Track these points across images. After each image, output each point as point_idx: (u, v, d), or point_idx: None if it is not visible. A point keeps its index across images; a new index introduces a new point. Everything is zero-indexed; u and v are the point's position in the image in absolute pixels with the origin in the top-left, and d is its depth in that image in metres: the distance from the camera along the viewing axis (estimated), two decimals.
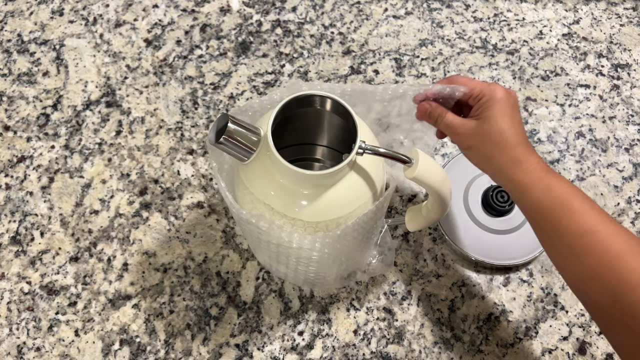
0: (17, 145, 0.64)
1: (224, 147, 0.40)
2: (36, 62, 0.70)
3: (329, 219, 0.43)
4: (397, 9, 0.74)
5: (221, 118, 0.40)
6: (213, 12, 0.73)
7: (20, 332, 0.56)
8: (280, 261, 0.50)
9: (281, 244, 0.44)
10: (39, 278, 0.58)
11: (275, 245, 0.45)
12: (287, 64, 0.70)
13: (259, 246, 0.50)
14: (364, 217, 0.42)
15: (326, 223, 0.43)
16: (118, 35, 0.71)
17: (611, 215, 0.62)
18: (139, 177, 0.63)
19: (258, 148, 0.41)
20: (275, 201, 0.42)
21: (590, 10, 0.74)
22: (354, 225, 0.42)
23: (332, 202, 0.42)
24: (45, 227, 0.60)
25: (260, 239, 0.45)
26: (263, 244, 0.46)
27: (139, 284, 0.58)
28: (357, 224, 0.42)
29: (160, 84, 0.68)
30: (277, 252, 0.47)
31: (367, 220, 0.43)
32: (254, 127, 0.41)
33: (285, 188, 0.42)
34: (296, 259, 0.48)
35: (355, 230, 0.43)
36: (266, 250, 0.48)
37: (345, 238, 0.43)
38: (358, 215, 0.42)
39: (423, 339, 0.56)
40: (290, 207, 0.42)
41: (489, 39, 0.72)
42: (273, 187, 0.42)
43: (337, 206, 0.43)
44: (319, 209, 0.42)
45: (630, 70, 0.70)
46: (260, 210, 0.43)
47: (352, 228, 0.42)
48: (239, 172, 0.44)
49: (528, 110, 0.68)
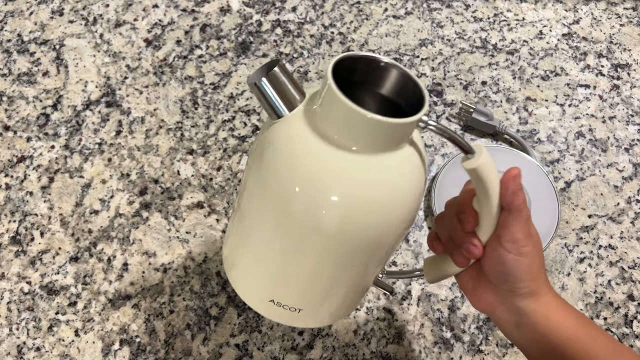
0: (17, 145, 0.64)
1: (261, 91, 0.35)
2: (36, 62, 0.70)
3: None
4: (397, 9, 0.74)
5: (272, 62, 0.35)
6: (213, 12, 0.73)
7: (20, 332, 0.56)
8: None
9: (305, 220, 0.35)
10: (39, 278, 0.58)
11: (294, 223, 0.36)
12: (287, 64, 0.70)
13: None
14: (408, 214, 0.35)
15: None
16: (118, 35, 0.71)
17: (611, 215, 0.62)
18: (139, 177, 0.63)
19: (297, 107, 0.36)
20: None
21: (590, 10, 0.74)
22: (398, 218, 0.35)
23: (375, 184, 0.35)
24: (45, 227, 0.60)
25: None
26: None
27: (139, 284, 0.58)
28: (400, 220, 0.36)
29: (160, 84, 0.68)
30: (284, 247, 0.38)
31: (405, 223, 0.37)
32: (300, 87, 0.36)
33: (318, 164, 0.34)
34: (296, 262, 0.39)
35: (396, 226, 0.36)
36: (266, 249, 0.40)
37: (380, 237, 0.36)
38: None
39: (423, 339, 0.56)
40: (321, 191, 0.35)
41: (489, 39, 0.72)
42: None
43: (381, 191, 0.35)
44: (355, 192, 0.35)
45: (630, 70, 0.70)
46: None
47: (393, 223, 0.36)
48: (269, 134, 0.37)
49: (528, 110, 0.68)
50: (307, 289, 0.41)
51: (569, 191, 0.63)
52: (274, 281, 0.41)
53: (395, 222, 0.36)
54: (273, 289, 0.42)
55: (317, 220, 0.35)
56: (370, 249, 0.38)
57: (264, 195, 0.37)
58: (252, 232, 0.40)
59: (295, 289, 0.41)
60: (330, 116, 0.34)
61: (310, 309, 0.43)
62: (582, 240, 0.61)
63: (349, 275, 0.40)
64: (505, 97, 0.69)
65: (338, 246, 0.36)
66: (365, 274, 0.42)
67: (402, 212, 0.36)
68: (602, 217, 0.62)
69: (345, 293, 0.43)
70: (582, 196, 0.63)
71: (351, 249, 0.37)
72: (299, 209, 0.35)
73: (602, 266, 0.60)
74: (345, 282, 0.41)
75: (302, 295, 0.42)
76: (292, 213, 0.35)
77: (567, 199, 0.63)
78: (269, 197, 0.36)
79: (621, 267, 0.60)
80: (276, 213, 0.36)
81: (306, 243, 0.37)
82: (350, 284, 0.42)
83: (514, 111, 0.68)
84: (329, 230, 0.35)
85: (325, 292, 0.42)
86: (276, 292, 0.42)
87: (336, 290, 0.42)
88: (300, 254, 0.38)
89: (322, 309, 0.43)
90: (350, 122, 0.33)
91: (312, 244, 0.37)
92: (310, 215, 0.35)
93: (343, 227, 0.35)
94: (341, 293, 0.42)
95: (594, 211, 0.62)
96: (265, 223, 0.38)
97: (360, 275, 0.41)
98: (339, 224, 0.35)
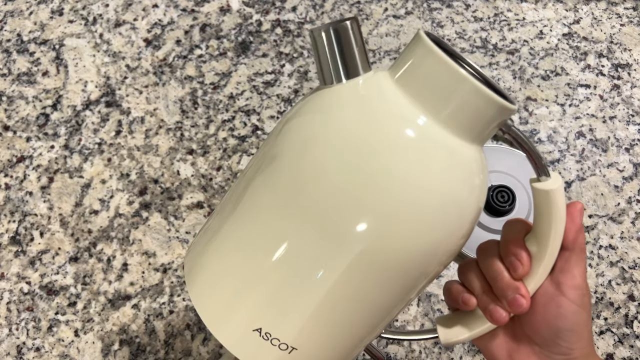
0: (16, 145, 0.64)
1: (324, 43, 0.29)
2: (36, 62, 0.69)
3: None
4: (397, 8, 0.74)
5: (348, 19, 0.29)
6: (213, 11, 0.73)
7: (20, 332, 0.55)
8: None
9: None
10: (39, 278, 0.58)
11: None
12: (287, 64, 0.70)
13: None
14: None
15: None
16: (118, 35, 0.71)
17: (611, 215, 0.62)
18: (139, 177, 0.63)
19: (358, 75, 0.29)
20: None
21: (590, 10, 0.74)
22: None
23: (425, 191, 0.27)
24: (44, 227, 0.60)
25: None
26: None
27: (139, 284, 0.58)
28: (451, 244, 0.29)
29: (160, 84, 0.68)
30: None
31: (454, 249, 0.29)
32: (368, 58, 0.30)
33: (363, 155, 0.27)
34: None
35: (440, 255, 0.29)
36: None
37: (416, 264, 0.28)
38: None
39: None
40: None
41: (489, 38, 0.72)
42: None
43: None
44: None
45: (631, 70, 0.70)
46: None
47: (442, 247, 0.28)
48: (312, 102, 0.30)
49: (528, 110, 0.68)
50: (318, 319, 0.29)
51: (569, 191, 0.63)
52: (273, 299, 0.29)
53: (450, 238, 0.29)
54: (267, 311, 0.29)
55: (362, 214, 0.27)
56: (411, 271, 0.29)
57: (288, 171, 0.28)
58: (255, 221, 0.29)
59: (299, 316, 0.29)
60: (417, 78, 0.28)
61: (306, 352, 0.30)
62: None
63: (371, 309, 0.30)
64: None
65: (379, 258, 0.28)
66: (390, 311, 0.32)
67: (461, 227, 0.29)
68: (602, 217, 0.62)
69: (355, 337, 0.32)
70: (582, 196, 0.63)
71: (388, 267, 0.28)
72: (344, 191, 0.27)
73: (603, 266, 0.60)
74: (362, 320, 0.31)
75: (304, 328, 0.29)
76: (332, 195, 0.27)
77: (568, 199, 0.63)
78: (298, 171, 0.28)
79: (621, 267, 0.60)
80: (304, 194, 0.27)
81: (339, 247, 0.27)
82: (367, 322, 0.31)
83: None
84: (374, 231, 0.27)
85: (334, 329, 0.30)
86: (270, 317, 0.29)
87: (347, 330, 0.31)
88: (319, 262, 0.28)
89: (318, 354, 0.31)
90: (445, 86, 0.27)
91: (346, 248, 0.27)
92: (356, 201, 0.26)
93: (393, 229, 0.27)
94: (351, 336, 0.31)
95: (594, 211, 0.62)
96: (278, 210, 0.28)
97: (384, 310, 0.31)
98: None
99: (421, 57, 0.28)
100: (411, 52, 0.29)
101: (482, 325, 0.33)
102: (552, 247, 0.30)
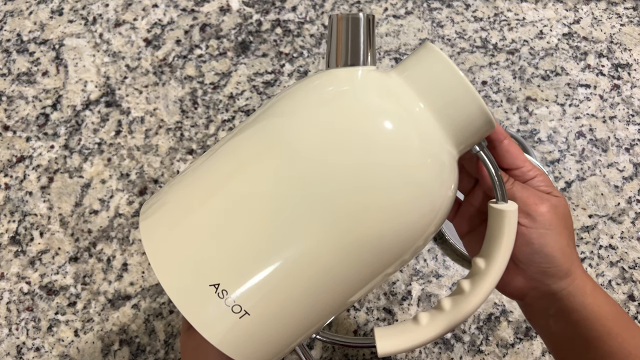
0: (16, 145, 0.64)
1: (336, 29, 0.31)
2: (35, 61, 0.69)
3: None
4: (397, 8, 0.74)
5: (365, 14, 0.31)
6: (213, 11, 0.73)
7: (20, 332, 0.55)
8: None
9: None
10: (39, 278, 0.58)
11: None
12: (287, 64, 0.70)
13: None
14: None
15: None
16: (117, 35, 0.71)
17: (611, 215, 0.62)
18: (139, 177, 0.63)
19: (364, 64, 0.31)
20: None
21: (590, 10, 0.74)
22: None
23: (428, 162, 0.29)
24: (44, 227, 0.60)
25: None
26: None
27: (139, 284, 0.58)
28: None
29: (160, 84, 0.68)
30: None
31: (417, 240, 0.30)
32: (374, 54, 0.32)
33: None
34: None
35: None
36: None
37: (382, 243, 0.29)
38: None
39: None
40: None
41: (489, 38, 0.72)
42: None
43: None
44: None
45: (631, 70, 0.70)
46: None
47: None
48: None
49: (528, 110, 0.68)
50: (280, 290, 0.28)
51: (569, 191, 0.63)
52: (242, 258, 0.28)
53: (421, 222, 0.30)
54: (232, 268, 0.27)
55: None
56: (380, 254, 0.30)
57: (280, 126, 0.30)
58: (234, 161, 0.30)
59: (264, 282, 0.28)
60: (421, 76, 0.30)
61: (257, 321, 0.28)
62: (582, 240, 0.61)
63: (333, 291, 0.30)
64: (505, 97, 0.68)
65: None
66: (350, 297, 0.31)
67: (431, 211, 0.30)
68: (602, 217, 0.62)
69: (308, 318, 0.30)
70: (582, 196, 0.63)
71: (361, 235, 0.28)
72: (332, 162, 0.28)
73: (603, 266, 0.60)
74: (320, 302, 0.30)
75: (265, 295, 0.28)
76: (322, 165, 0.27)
77: (568, 199, 0.63)
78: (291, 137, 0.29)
79: (622, 267, 0.60)
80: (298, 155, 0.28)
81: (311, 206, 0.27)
82: (325, 306, 0.30)
83: (515, 111, 0.68)
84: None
85: (292, 303, 0.29)
86: (234, 275, 0.27)
87: (303, 309, 0.30)
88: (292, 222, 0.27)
89: (269, 326, 0.29)
90: (446, 88, 0.30)
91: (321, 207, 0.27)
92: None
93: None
94: (305, 316, 0.30)
95: (594, 211, 0.62)
96: (269, 161, 0.28)
97: (345, 294, 0.31)
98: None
99: (430, 61, 0.31)
100: (420, 56, 0.31)
101: (421, 337, 0.34)
102: (500, 264, 0.33)
